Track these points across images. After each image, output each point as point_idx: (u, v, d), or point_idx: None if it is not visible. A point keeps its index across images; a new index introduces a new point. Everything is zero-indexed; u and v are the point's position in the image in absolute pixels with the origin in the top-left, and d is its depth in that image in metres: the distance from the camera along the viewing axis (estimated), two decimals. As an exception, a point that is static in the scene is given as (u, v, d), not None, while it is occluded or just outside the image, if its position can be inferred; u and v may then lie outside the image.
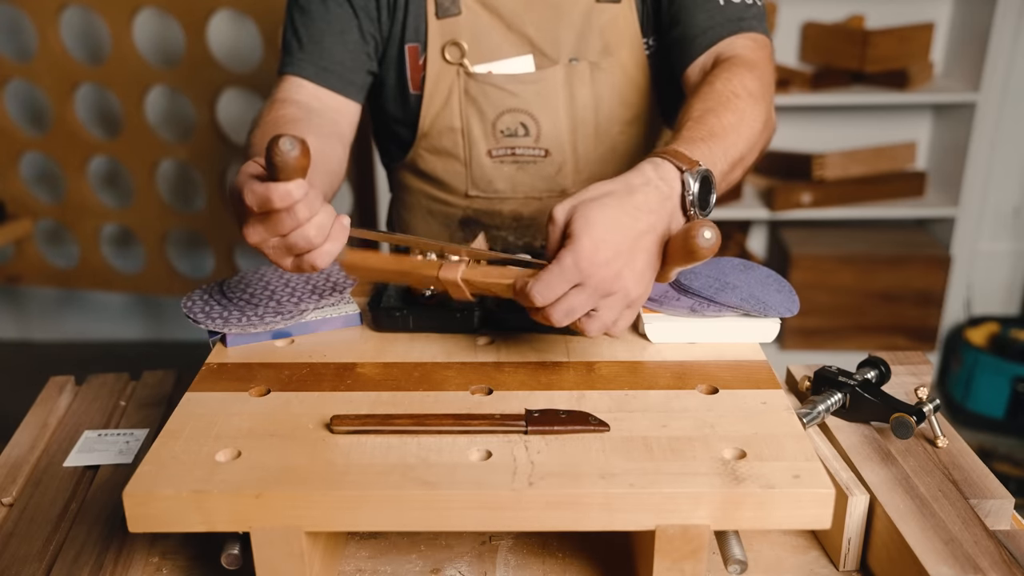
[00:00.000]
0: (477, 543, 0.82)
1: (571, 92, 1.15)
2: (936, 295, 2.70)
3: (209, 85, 2.48)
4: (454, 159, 1.19)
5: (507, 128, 1.16)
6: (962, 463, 0.83)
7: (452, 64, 1.14)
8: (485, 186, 1.20)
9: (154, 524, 0.69)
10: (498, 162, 1.18)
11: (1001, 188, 2.84)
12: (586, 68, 1.15)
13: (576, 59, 1.14)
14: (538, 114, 1.15)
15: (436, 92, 1.15)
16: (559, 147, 1.17)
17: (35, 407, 1.04)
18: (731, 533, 0.71)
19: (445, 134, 1.17)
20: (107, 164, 2.87)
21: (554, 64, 1.14)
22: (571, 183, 1.20)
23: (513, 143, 1.17)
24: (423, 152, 1.20)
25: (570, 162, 1.18)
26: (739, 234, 2.91)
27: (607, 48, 1.15)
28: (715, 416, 0.77)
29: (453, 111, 1.16)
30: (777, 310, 0.92)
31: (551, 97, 1.15)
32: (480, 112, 1.15)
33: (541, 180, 1.19)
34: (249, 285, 0.98)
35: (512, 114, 1.15)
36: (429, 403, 0.80)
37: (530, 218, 1.22)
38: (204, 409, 0.79)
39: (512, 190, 1.20)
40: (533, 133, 1.16)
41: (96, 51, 2.73)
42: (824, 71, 2.64)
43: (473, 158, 1.18)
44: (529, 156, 1.17)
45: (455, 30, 1.13)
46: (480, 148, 1.17)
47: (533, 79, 1.14)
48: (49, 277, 2.85)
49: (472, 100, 1.15)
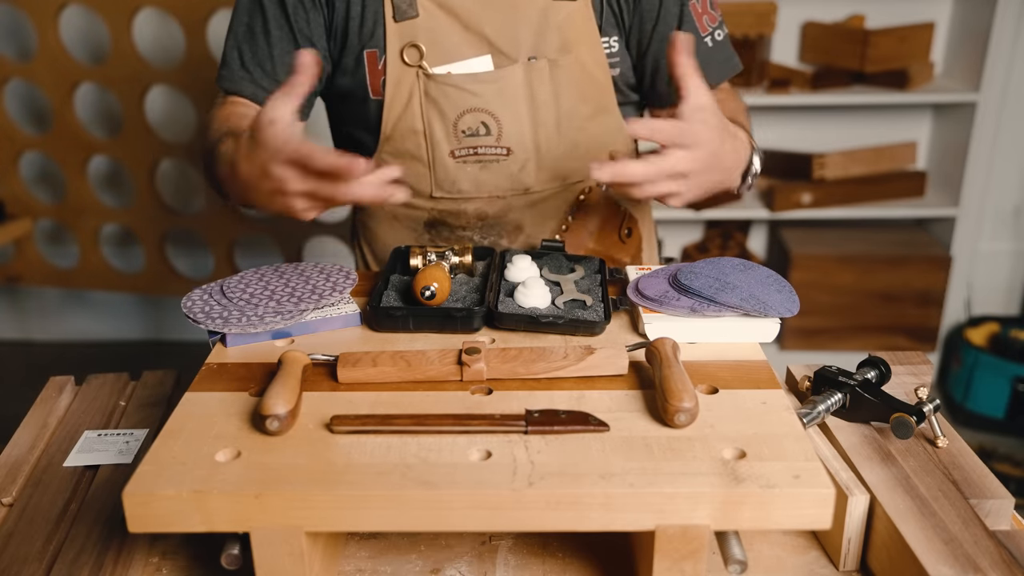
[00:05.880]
0: (477, 543, 0.82)
1: (531, 90, 1.16)
2: (936, 295, 2.70)
3: (209, 85, 2.48)
4: (417, 161, 1.19)
5: (468, 128, 1.16)
6: (962, 463, 0.83)
7: (411, 66, 1.14)
8: (449, 187, 1.20)
9: (154, 524, 0.69)
10: (461, 162, 1.18)
11: (1001, 188, 2.84)
12: (545, 66, 1.15)
13: (535, 57, 1.15)
14: (499, 113, 1.16)
15: (397, 95, 1.16)
16: (521, 145, 1.17)
17: (35, 407, 1.04)
18: (731, 533, 0.71)
19: (408, 136, 1.18)
20: (107, 164, 2.87)
21: (513, 63, 1.15)
22: (534, 180, 1.20)
23: (475, 143, 1.17)
24: (386, 156, 1.20)
25: (532, 159, 1.19)
26: (739, 234, 2.91)
27: (565, 45, 1.15)
28: (715, 416, 0.77)
29: (414, 113, 1.16)
30: (777, 310, 0.92)
31: (511, 96, 1.15)
32: (441, 113, 1.16)
33: (504, 179, 1.19)
34: (249, 285, 0.98)
35: (473, 114, 1.15)
36: (429, 403, 0.80)
37: (495, 217, 1.22)
38: (204, 409, 0.79)
39: (476, 190, 1.20)
40: (495, 132, 1.16)
41: (96, 51, 2.73)
42: (824, 71, 2.64)
43: (436, 159, 1.18)
44: (492, 155, 1.18)
45: (413, 32, 1.13)
46: (443, 149, 1.17)
47: (492, 78, 1.14)
48: (49, 277, 2.85)
49: (433, 101, 1.15)
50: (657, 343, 0.84)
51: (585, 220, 1.25)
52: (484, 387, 0.83)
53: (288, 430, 0.75)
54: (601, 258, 1.08)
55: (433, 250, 1.04)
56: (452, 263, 1.04)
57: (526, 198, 1.21)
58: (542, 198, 1.22)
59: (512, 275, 1.01)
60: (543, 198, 1.22)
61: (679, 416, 0.74)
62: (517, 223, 1.23)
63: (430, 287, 0.93)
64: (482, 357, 0.83)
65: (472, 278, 1.04)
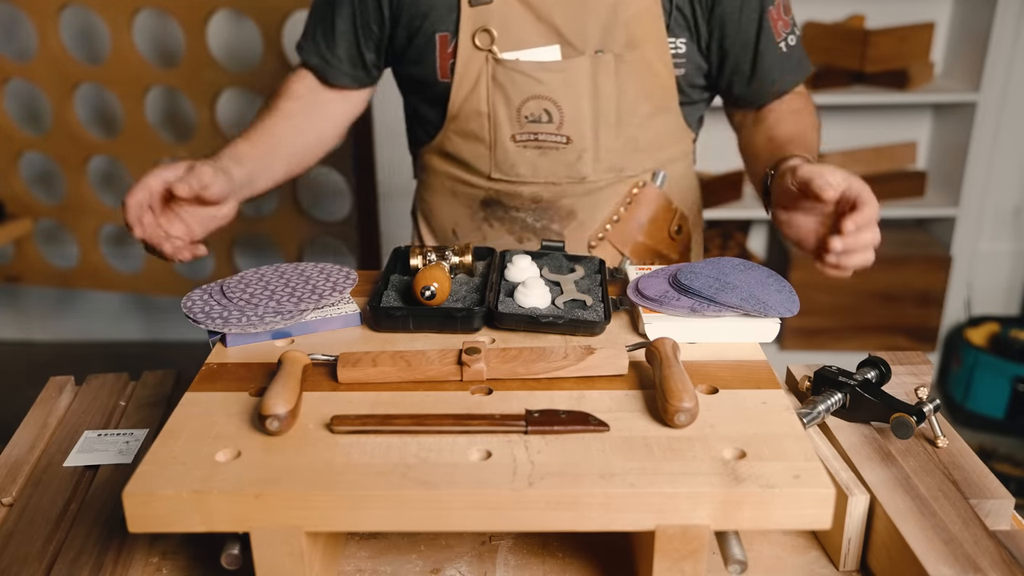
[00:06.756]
0: (477, 543, 0.82)
1: (595, 82, 1.18)
2: (936, 295, 2.70)
3: (209, 85, 2.48)
4: (479, 142, 1.23)
5: (531, 114, 1.19)
6: (962, 463, 0.83)
7: (482, 50, 1.18)
8: (508, 169, 1.23)
9: (154, 524, 0.69)
10: (521, 147, 1.21)
11: (1001, 188, 2.84)
12: (611, 60, 1.17)
13: (602, 51, 1.17)
14: (562, 102, 1.18)
15: (465, 77, 1.19)
16: (580, 135, 1.20)
17: (35, 407, 1.04)
18: (731, 533, 0.71)
19: (472, 118, 1.21)
20: (107, 164, 2.87)
21: (580, 55, 1.17)
22: (591, 171, 1.22)
23: (537, 129, 1.20)
24: (451, 135, 1.25)
25: (590, 150, 1.21)
26: (739, 234, 2.91)
27: (632, 41, 1.17)
28: (715, 416, 0.77)
29: (480, 96, 1.19)
30: (777, 310, 0.92)
31: (575, 86, 1.18)
32: (506, 98, 1.19)
33: (562, 166, 1.22)
34: (249, 285, 0.98)
35: (537, 101, 1.18)
36: (429, 403, 0.80)
37: (548, 202, 1.25)
38: (204, 409, 0.79)
39: (533, 174, 1.23)
40: (556, 120, 1.19)
41: (96, 51, 2.73)
42: (824, 71, 2.64)
43: (498, 142, 1.21)
44: (551, 142, 1.20)
45: (486, 18, 1.17)
46: (505, 132, 1.21)
47: (559, 68, 1.17)
48: (49, 277, 2.85)
49: (499, 86, 1.18)
50: (657, 343, 0.84)
51: (636, 213, 1.27)
52: (484, 387, 0.83)
53: (288, 430, 0.75)
54: (600, 258, 1.08)
55: (433, 250, 1.04)
56: (452, 263, 1.04)
57: (581, 187, 1.24)
58: (597, 188, 1.24)
59: (512, 275, 1.01)
60: (598, 188, 1.24)
61: (679, 416, 0.74)
62: (570, 209, 1.25)
63: (430, 287, 0.93)
64: (482, 357, 0.83)
65: (472, 278, 1.04)
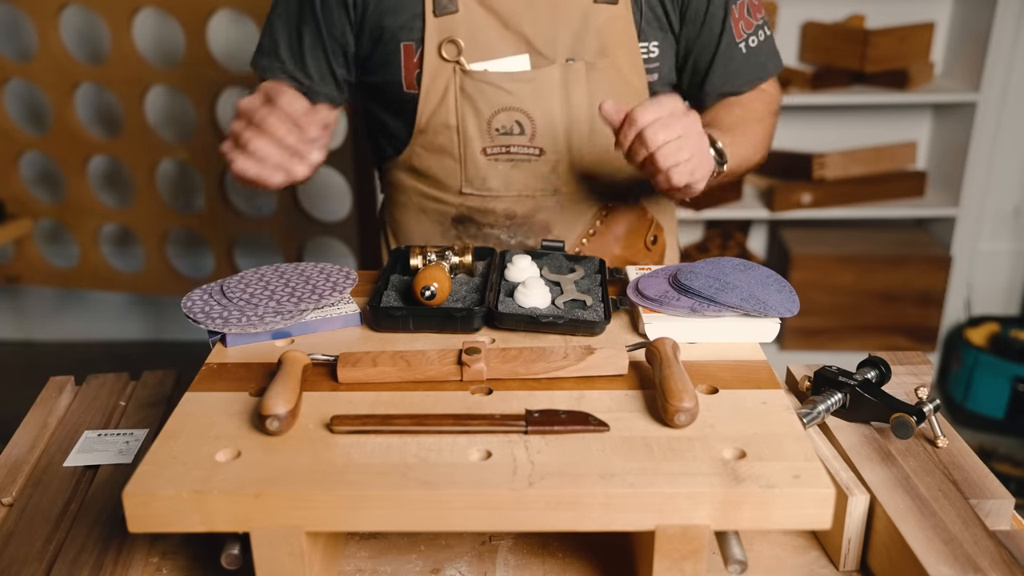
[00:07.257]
0: (477, 543, 0.82)
1: (567, 92, 1.16)
2: (936, 295, 2.70)
3: (209, 85, 2.48)
4: (449, 156, 1.20)
5: (502, 126, 1.16)
6: (962, 463, 0.83)
7: (449, 62, 1.14)
8: (479, 184, 1.20)
9: (154, 524, 0.69)
10: (492, 160, 1.18)
11: (1001, 188, 2.84)
12: (582, 68, 1.15)
13: (572, 59, 1.15)
14: (533, 113, 1.16)
15: (432, 89, 1.16)
16: (554, 146, 1.18)
17: (35, 407, 1.04)
18: (731, 533, 0.71)
19: (441, 131, 1.18)
20: (107, 164, 2.87)
21: (550, 63, 1.15)
22: (564, 182, 1.20)
23: (508, 141, 1.17)
24: (419, 149, 1.21)
25: (564, 161, 1.19)
26: (739, 234, 2.91)
27: (603, 49, 1.15)
28: (715, 416, 0.77)
29: (449, 108, 1.16)
30: (777, 310, 0.92)
31: (547, 96, 1.15)
32: (476, 110, 1.16)
33: (535, 179, 1.20)
34: (249, 285, 0.98)
35: (507, 112, 1.16)
36: (429, 403, 0.80)
37: (523, 217, 1.22)
38: (204, 409, 0.79)
39: (506, 188, 1.20)
40: (528, 132, 1.17)
41: (96, 51, 2.73)
42: (824, 71, 2.64)
43: (468, 155, 1.18)
44: (524, 154, 1.18)
45: (452, 28, 1.13)
46: (475, 146, 1.18)
47: (529, 78, 1.15)
48: (49, 277, 2.85)
49: (468, 98, 1.15)
50: (657, 343, 0.84)
51: (612, 225, 1.26)
52: (484, 387, 0.83)
53: (288, 430, 0.75)
54: (601, 258, 1.08)
55: (433, 250, 1.04)
56: (452, 263, 1.04)
57: (555, 199, 1.21)
58: (571, 200, 1.22)
59: (512, 275, 1.01)
60: (572, 201, 1.22)
61: (679, 416, 0.74)
62: (545, 224, 1.23)
63: (430, 287, 0.93)
64: (482, 357, 0.83)
65: (472, 278, 1.04)
